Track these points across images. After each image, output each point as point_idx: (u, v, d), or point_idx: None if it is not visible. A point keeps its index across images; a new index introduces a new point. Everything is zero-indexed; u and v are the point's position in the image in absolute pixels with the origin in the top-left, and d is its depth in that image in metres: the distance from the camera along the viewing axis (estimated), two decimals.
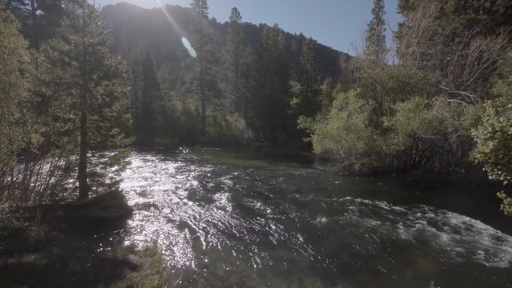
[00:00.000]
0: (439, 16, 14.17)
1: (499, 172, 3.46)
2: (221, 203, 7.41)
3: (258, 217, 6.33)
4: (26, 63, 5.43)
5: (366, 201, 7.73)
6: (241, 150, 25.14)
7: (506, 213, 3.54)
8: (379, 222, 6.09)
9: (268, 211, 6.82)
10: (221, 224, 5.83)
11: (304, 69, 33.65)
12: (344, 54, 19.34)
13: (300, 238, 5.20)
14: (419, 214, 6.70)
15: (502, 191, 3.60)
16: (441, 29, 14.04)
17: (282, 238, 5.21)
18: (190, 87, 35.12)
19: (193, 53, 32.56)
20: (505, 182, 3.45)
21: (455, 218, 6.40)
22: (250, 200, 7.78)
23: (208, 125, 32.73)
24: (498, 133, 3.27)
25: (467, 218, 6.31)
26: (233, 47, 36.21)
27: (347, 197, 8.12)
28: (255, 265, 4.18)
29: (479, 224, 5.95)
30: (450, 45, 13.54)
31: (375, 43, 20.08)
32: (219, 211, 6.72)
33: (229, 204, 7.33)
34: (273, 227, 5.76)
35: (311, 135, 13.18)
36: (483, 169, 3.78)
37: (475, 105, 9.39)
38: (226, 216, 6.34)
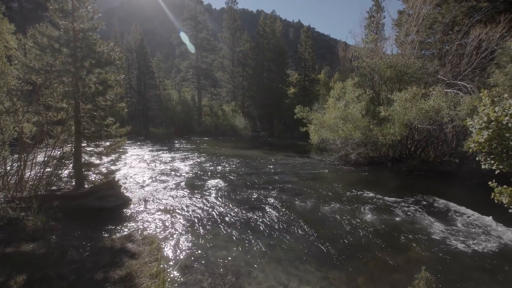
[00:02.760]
0: (439, 4, 13.90)
1: (492, 162, 3.52)
2: (217, 192, 7.46)
3: (254, 206, 6.41)
4: (13, 49, 5.22)
5: (361, 190, 7.86)
6: (238, 140, 25.10)
7: (496, 201, 3.63)
8: (374, 211, 6.23)
9: (264, 200, 6.90)
10: (218, 213, 5.90)
11: (302, 57, 33.10)
12: (343, 42, 19.09)
13: (296, 227, 5.31)
14: (412, 203, 6.85)
15: (494, 180, 3.68)
16: (441, 17, 13.81)
17: (278, 227, 5.30)
18: (186, 76, 34.42)
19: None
20: (497, 171, 3.51)
21: (447, 206, 6.57)
22: (247, 189, 7.84)
23: (205, 115, 32.40)
24: (493, 123, 3.30)
25: (459, 206, 6.49)
26: (229, 34, 35.24)
27: (343, 186, 8.24)
28: (251, 252, 4.27)
29: (470, 212, 6.12)
30: (450, 33, 13.37)
31: (374, 31, 19.74)
32: (216, 200, 6.78)
33: (226, 193, 7.39)
34: (269, 215, 5.85)
35: (308, 125, 13.17)
36: (477, 158, 3.84)
37: (472, 95, 9.42)
38: (223, 205, 6.41)
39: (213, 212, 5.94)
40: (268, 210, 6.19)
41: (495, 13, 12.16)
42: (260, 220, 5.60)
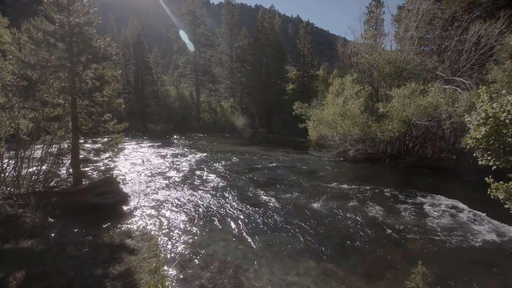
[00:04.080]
0: None
1: (489, 158, 3.54)
2: (216, 188, 7.48)
3: (253, 202, 6.44)
4: (7, 44, 5.13)
5: (359, 186, 7.90)
6: (236, 136, 25.07)
7: (492, 197, 3.67)
8: (371, 206, 6.27)
9: (263, 195, 6.92)
10: (216, 209, 5.92)
11: (300, 53, 32.88)
12: (342, 38, 18.96)
13: (294, 222, 5.34)
14: (410, 199, 6.91)
15: (490, 176, 3.71)
16: (440, 13, 13.74)
17: (277, 222, 5.33)
18: (184, 72, 34.13)
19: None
20: (494, 167, 3.54)
21: (444, 202, 6.63)
22: (245, 185, 7.86)
23: (203, 111, 32.25)
24: (490, 119, 3.30)
25: (455, 202, 6.55)
26: (227, 29, 34.86)
27: (341, 183, 8.28)
28: (250, 248, 4.30)
29: (466, 208, 6.19)
30: (449, 29, 13.33)
31: (373, 27, 19.60)
32: (214, 196, 6.79)
33: (225, 189, 7.40)
34: (268, 211, 5.87)
35: (306, 121, 13.16)
36: (474, 155, 3.86)
37: (470, 91, 9.44)
38: (222, 201, 6.42)
39: (212, 208, 5.96)
40: (266, 205, 6.22)
41: (495, 8, 12.11)
42: (258, 215, 5.63)
